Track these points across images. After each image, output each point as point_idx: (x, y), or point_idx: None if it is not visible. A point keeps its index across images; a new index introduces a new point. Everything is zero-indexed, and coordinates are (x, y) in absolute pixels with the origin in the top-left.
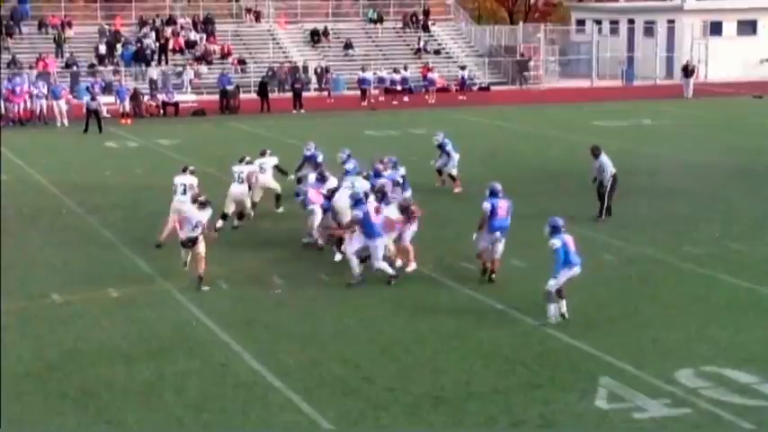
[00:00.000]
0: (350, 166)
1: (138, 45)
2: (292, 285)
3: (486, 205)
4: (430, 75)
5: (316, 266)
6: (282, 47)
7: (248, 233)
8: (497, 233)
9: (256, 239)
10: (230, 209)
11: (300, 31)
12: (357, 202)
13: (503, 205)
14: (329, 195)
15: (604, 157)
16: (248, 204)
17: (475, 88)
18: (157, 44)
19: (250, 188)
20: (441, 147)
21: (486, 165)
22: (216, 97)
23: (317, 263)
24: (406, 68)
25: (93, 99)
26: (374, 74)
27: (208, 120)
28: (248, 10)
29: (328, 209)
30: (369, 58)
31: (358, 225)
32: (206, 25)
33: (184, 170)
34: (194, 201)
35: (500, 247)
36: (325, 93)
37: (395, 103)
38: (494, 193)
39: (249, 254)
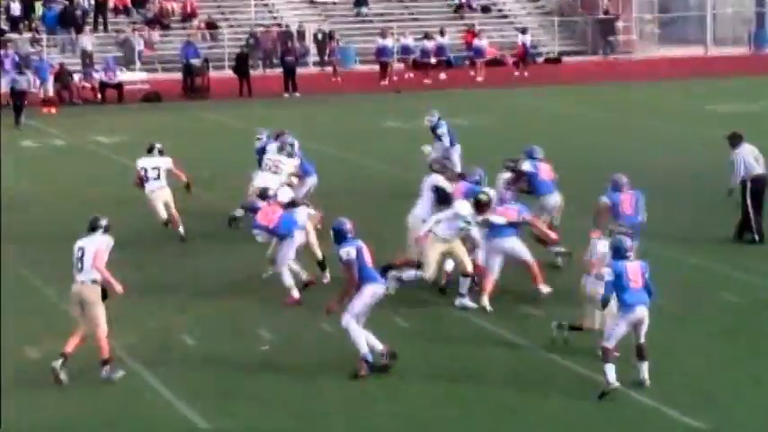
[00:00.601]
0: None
1: (66, 3)
2: (284, 339)
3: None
4: (476, 42)
5: (314, 312)
6: (269, 4)
7: (220, 262)
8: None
9: (233, 272)
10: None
11: None
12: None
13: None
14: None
15: (745, 149)
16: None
17: (540, 60)
18: (93, 1)
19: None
20: (433, 130)
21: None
22: (176, 75)
23: (315, 307)
24: (442, 33)
25: (21, 73)
26: (398, 41)
27: (164, 107)
28: None
29: (284, 233)
30: (390, 18)
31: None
32: None
33: (150, 150)
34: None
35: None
36: (330, 68)
37: (427, 81)
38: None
39: (224, 293)
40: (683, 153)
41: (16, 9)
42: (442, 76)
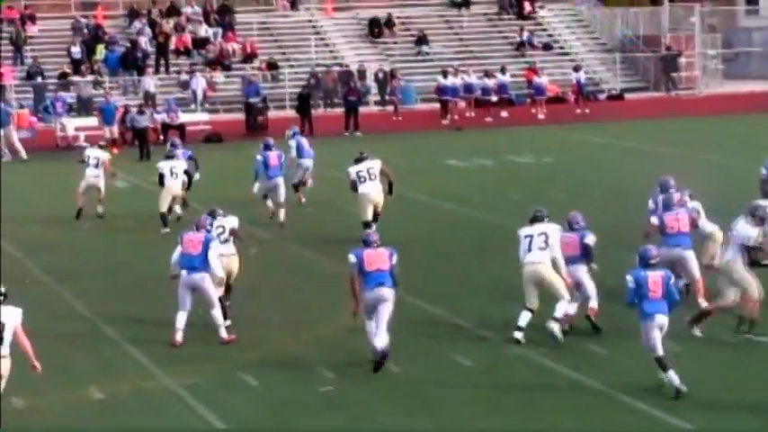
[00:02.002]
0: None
1: (128, 45)
2: (347, 378)
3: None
4: (537, 79)
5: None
6: (329, 44)
7: (280, 297)
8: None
9: (292, 308)
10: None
11: (354, 21)
12: None
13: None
14: None
15: None
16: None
17: (602, 97)
18: (154, 43)
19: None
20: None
21: (616, 207)
22: (237, 116)
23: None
24: (503, 71)
25: (140, 113)
26: (460, 79)
27: (225, 147)
28: None
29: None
30: (451, 57)
31: None
32: (222, 16)
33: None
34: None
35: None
36: (391, 107)
37: (488, 119)
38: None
39: (285, 330)
40: (748, 188)
41: (77, 52)
42: (504, 114)
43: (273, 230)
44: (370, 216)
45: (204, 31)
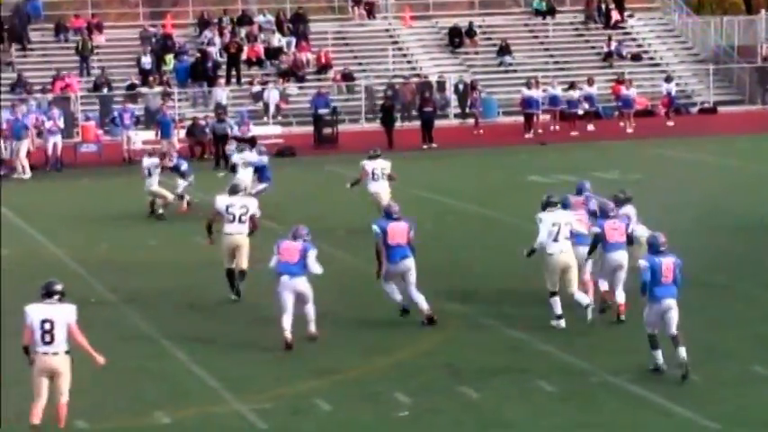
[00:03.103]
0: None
1: (198, 55)
2: (424, 404)
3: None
4: (625, 91)
5: (454, 375)
6: (407, 54)
7: (355, 321)
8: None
9: (368, 332)
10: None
11: (434, 30)
12: None
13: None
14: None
15: None
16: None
17: (694, 110)
18: (225, 54)
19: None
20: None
21: (708, 229)
22: (309, 129)
23: (455, 370)
24: (590, 83)
25: (220, 121)
26: (543, 91)
27: (297, 162)
28: (357, 1)
29: None
30: (535, 67)
31: None
32: (295, 25)
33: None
34: None
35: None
36: (471, 120)
37: (574, 133)
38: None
39: (360, 354)
40: None
41: (147, 62)
42: (590, 127)
43: (349, 250)
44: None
45: (277, 40)
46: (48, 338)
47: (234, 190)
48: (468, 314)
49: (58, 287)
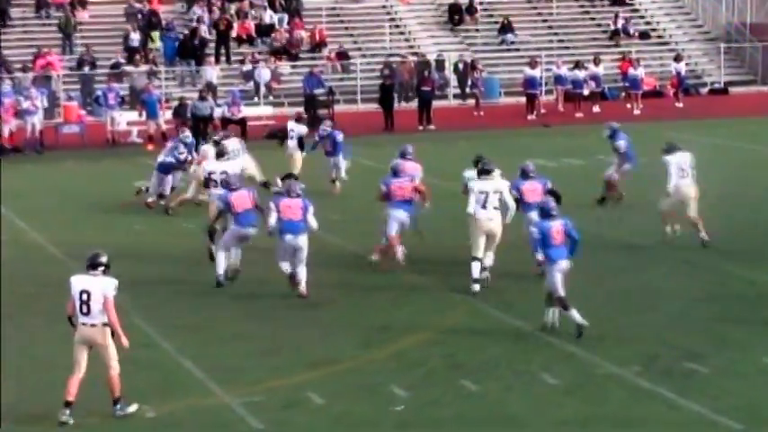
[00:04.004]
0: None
1: (186, 33)
2: (421, 397)
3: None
4: (633, 71)
5: (453, 369)
6: (405, 32)
7: (352, 311)
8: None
9: (365, 322)
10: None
11: (433, 6)
12: None
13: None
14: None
15: None
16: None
17: (704, 90)
18: (214, 31)
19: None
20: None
21: (720, 214)
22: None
23: (453, 365)
24: (596, 62)
25: (201, 99)
26: (547, 71)
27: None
28: None
29: None
30: (539, 46)
31: None
32: (288, 1)
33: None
34: None
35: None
36: (472, 101)
37: (579, 115)
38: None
39: (356, 345)
40: None
41: (135, 40)
42: (596, 108)
43: (345, 236)
44: None
45: (269, 17)
46: (85, 309)
47: (220, 153)
48: (469, 303)
49: (103, 259)
